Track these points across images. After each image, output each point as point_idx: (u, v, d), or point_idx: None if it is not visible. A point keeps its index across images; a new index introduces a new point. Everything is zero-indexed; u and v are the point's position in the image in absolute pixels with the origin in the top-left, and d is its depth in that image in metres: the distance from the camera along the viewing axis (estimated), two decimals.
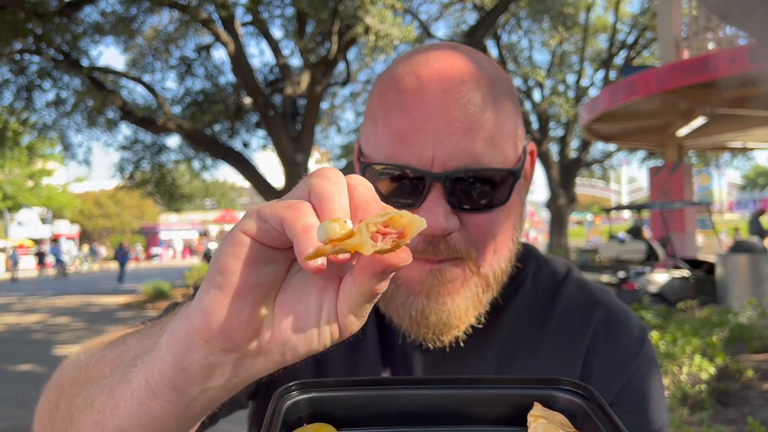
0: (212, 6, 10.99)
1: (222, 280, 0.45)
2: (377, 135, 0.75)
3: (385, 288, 0.45)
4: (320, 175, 0.45)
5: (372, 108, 0.77)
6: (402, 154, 0.71)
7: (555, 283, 0.87)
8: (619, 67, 20.88)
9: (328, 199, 0.43)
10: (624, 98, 11.21)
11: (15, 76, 13.86)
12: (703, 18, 11.88)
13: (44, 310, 15.55)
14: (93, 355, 0.66)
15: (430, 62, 0.74)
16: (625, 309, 0.86)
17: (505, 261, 0.77)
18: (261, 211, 0.44)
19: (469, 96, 0.72)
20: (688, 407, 4.67)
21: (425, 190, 0.70)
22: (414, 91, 0.72)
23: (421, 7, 20.17)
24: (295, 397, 0.48)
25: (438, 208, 0.69)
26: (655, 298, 9.16)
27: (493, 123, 0.72)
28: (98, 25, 13.62)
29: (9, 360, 9.17)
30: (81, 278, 27.64)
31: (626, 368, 0.80)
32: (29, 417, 0.74)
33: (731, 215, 46.55)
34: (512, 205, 0.77)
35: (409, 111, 0.72)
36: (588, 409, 0.45)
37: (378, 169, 0.73)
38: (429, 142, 0.70)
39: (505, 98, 0.76)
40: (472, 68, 0.74)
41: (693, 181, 15.26)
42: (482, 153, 0.71)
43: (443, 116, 0.70)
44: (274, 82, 15.00)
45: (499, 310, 0.82)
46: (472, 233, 0.73)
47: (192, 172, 18.35)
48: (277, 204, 0.44)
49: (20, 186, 36.65)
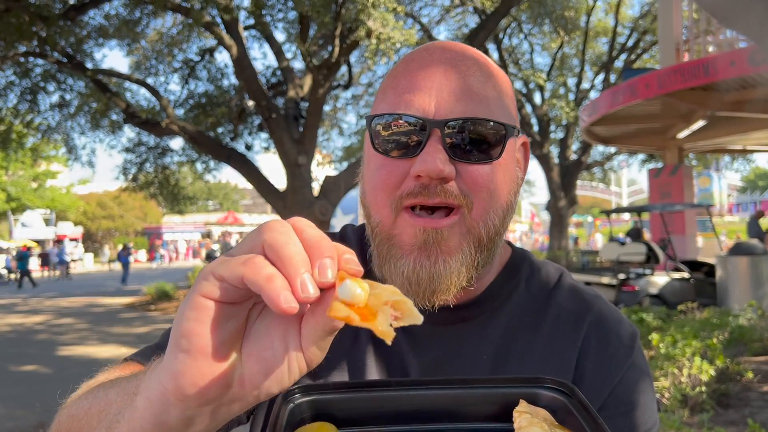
0: (215, 9, 11.05)
1: (188, 344, 0.47)
2: (385, 99, 0.79)
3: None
4: (269, 228, 0.48)
5: (383, 84, 0.83)
6: (406, 107, 0.75)
7: (548, 288, 0.89)
8: (620, 70, 20.89)
9: (283, 247, 0.46)
10: (624, 101, 11.24)
11: (19, 79, 13.92)
12: (703, 21, 11.91)
13: (48, 311, 15.60)
14: (82, 406, 0.72)
15: (438, 43, 0.82)
16: (616, 313, 0.89)
17: (499, 219, 0.78)
18: (216, 272, 0.47)
19: (471, 68, 0.77)
20: (689, 409, 4.69)
21: (425, 137, 0.73)
22: (420, 59, 0.79)
23: (422, 11, 20.24)
24: (297, 399, 0.51)
25: (436, 153, 0.72)
26: (655, 300, 9.18)
27: (491, 96, 0.77)
28: (102, 28, 13.70)
29: (13, 360, 9.22)
30: (84, 279, 27.68)
31: (617, 371, 0.82)
32: (32, 417, 0.80)
33: (731, 217, 46.48)
34: (506, 166, 0.79)
35: (414, 74, 0.77)
36: (569, 405, 0.50)
37: (380, 122, 0.76)
38: (432, 96, 0.74)
39: (504, 85, 0.81)
40: (476, 52, 0.81)
41: (693, 184, 15.27)
42: (481, 112, 0.75)
43: (446, 78, 0.75)
44: (276, 84, 15.05)
45: (495, 313, 0.85)
46: (467, 183, 0.74)
47: (195, 174, 18.37)
48: (231, 262, 0.47)
49: (24, 188, 36.70)
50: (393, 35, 10.01)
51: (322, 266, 0.46)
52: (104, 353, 9.54)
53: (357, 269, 0.48)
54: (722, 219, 43.58)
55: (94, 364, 3.31)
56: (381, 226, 0.77)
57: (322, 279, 0.46)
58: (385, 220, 0.77)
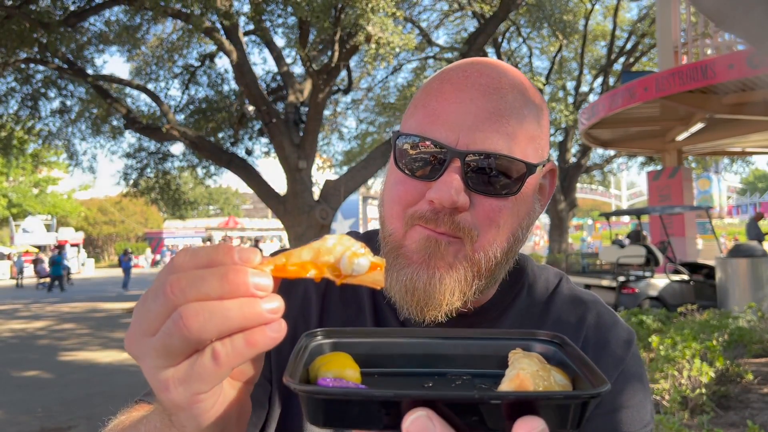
0: (215, 15, 11.10)
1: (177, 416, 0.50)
2: (414, 115, 0.80)
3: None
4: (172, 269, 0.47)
5: (416, 98, 0.83)
6: (431, 131, 0.76)
7: (548, 292, 0.92)
8: (618, 74, 20.93)
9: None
10: (623, 104, 11.26)
11: (20, 85, 13.98)
12: (701, 24, 11.96)
13: (50, 317, 15.61)
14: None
15: (475, 64, 0.81)
16: (613, 314, 0.91)
17: (501, 252, 0.79)
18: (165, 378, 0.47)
19: (504, 97, 0.77)
20: (689, 411, 4.69)
21: (445, 164, 0.74)
22: (455, 81, 0.79)
23: (421, 15, 20.31)
24: (320, 340, 0.55)
25: (452, 182, 0.73)
26: (655, 302, 9.19)
27: (520, 124, 0.77)
28: (103, 34, 13.75)
29: (15, 366, 9.22)
30: (85, 285, 27.67)
31: (614, 370, 0.84)
32: (34, 422, 0.81)
33: (731, 219, 46.44)
34: (523, 201, 0.80)
35: (446, 97, 0.78)
36: (561, 354, 0.54)
37: (406, 141, 0.78)
38: (458, 125, 0.75)
39: (536, 110, 0.81)
40: (512, 73, 0.81)
41: (692, 186, 15.29)
42: (504, 148, 0.75)
43: (476, 106, 0.76)
44: (276, 89, 15.10)
45: (498, 320, 0.87)
46: (478, 215, 0.76)
47: (196, 179, 18.41)
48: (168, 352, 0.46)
49: (25, 193, 36.77)
50: (392, 40, 10.05)
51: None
52: (105, 358, 9.55)
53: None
54: (722, 221, 43.54)
55: (96, 369, 3.37)
56: (392, 236, 0.80)
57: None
58: (396, 232, 0.79)
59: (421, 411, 0.42)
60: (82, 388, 7.62)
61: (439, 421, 0.42)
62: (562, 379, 0.49)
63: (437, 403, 0.42)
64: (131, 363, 9.17)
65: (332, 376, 0.49)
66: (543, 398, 0.43)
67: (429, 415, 0.42)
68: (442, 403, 0.43)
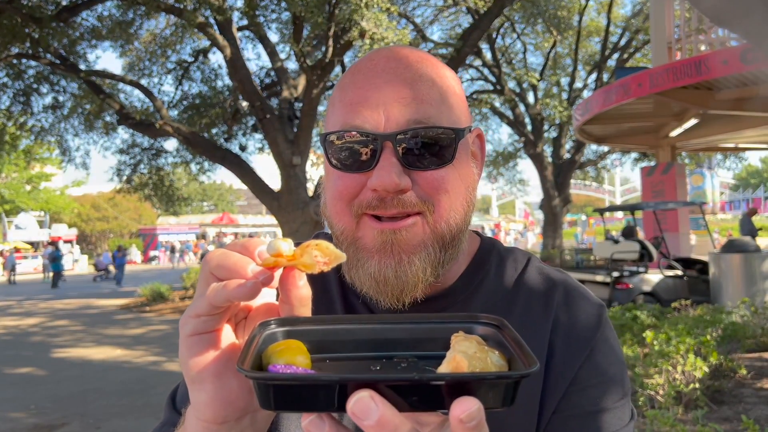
0: (208, 10, 11.04)
1: (193, 374, 0.58)
2: (335, 113, 0.80)
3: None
4: (209, 259, 0.58)
5: (332, 98, 0.85)
6: (355, 121, 0.76)
7: (516, 272, 0.92)
8: (612, 69, 20.98)
9: (226, 259, 0.57)
10: (617, 100, 11.28)
11: (12, 81, 13.88)
12: (695, 20, 11.98)
13: (43, 313, 15.55)
14: None
15: (382, 51, 0.83)
16: (581, 288, 0.91)
17: (460, 217, 0.80)
18: (191, 313, 0.57)
19: (416, 74, 0.78)
20: (683, 406, 4.73)
21: (378, 151, 0.75)
22: (365, 71, 0.80)
23: (416, 11, 20.28)
24: (273, 329, 0.58)
25: (390, 167, 0.74)
26: (649, 298, 9.23)
27: (439, 95, 0.78)
28: (95, 29, 13.66)
29: (8, 363, 9.19)
30: (78, 281, 27.55)
31: (587, 344, 0.84)
32: (28, 419, 0.83)
33: (724, 215, 46.69)
34: (461, 166, 0.80)
35: (360, 85, 0.78)
36: (500, 335, 0.58)
37: (333, 138, 0.78)
38: (379, 107, 0.76)
39: (451, 85, 0.83)
40: (420, 55, 0.82)
41: (686, 182, 15.36)
42: (429, 118, 0.76)
43: (392, 86, 0.77)
44: (270, 85, 15.06)
45: (466, 302, 0.87)
46: (425, 189, 0.76)
47: (190, 175, 18.36)
48: (196, 300, 0.57)
49: (18, 190, 36.56)
50: (386, 35, 10.02)
51: (259, 252, 0.57)
52: (99, 355, 9.52)
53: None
54: (715, 217, 43.77)
55: (89, 365, 3.36)
56: (344, 233, 0.80)
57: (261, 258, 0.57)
58: (348, 227, 0.79)
59: (364, 392, 0.45)
60: (76, 385, 7.60)
61: (381, 400, 0.44)
62: (499, 359, 0.52)
63: (379, 385, 0.46)
64: (124, 360, 9.15)
65: (283, 363, 0.51)
66: (476, 379, 0.47)
67: (371, 395, 0.44)
68: (384, 385, 0.46)
